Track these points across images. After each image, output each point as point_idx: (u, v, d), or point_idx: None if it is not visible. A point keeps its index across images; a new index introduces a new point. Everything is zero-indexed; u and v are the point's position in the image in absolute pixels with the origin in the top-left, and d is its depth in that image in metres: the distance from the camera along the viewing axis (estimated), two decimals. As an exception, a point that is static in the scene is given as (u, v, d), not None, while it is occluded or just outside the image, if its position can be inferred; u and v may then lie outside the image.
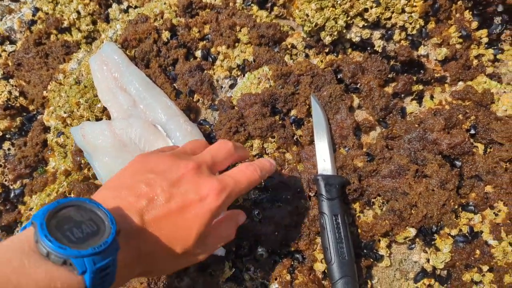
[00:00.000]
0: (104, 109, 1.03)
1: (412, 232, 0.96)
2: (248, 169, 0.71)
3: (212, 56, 1.09)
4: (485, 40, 1.09)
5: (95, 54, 1.04)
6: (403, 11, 1.04)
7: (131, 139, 0.94)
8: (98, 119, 1.03)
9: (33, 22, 1.21)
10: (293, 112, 1.03)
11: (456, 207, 0.98)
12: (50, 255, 0.44)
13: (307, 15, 1.05)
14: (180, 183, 0.62)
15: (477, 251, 0.96)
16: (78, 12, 1.20)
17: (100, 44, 1.11)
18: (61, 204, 0.49)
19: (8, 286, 0.40)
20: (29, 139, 1.10)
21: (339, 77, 1.07)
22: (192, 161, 0.65)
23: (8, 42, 1.22)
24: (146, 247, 0.58)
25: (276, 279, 0.94)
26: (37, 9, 1.22)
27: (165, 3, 1.14)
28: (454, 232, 0.97)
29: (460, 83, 1.09)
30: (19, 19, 1.22)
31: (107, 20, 1.22)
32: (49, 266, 0.43)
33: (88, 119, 1.02)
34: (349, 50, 1.11)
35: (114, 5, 1.23)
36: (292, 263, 0.96)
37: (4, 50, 1.20)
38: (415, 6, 1.04)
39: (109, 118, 1.03)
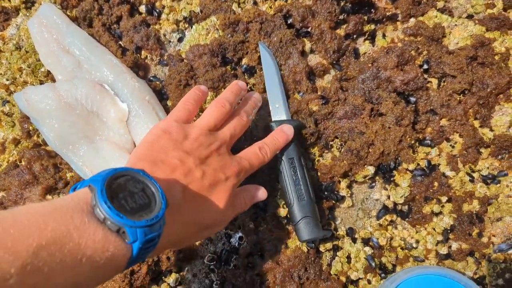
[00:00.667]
0: (49, 73, 0.99)
1: (370, 170, 0.96)
2: (261, 152, 0.82)
3: (157, 10, 1.05)
4: (434, -26, 1.08)
5: (33, 17, 0.99)
6: None
7: (77, 100, 0.91)
8: (42, 83, 0.99)
9: (-33, -9, 1.14)
10: (244, 61, 1.01)
11: (413, 142, 0.98)
12: (107, 220, 0.45)
13: (251, -41, 1.01)
14: (208, 162, 0.70)
15: (435, 183, 0.97)
16: (14, -23, 1.14)
17: (38, 7, 1.06)
18: (118, 172, 0.50)
19: (69, 242, 0.41)
20: (-25, 113, 1.06)
21: (289, 22, 1.04)
22: (216, 142, 0.75)
23: None
24: (183, 219, 0.62)
25: (240, 227, 0.94)
26: (-30, -23, 1.15)
27: (104, -41, 1.09)
28: (412, 167, 0.98)
29: (412, 19, 1.08)
30: (-47, -11, 1.15)
31: (46, -18, 1.16)
32: (105, 230, 0.45)
33: (33, 85, 0.98)
34: (298, -6, 1.09)
35: (52, -33, 1.16)
36: (255, 211, 0.96)
37: None
38: None
39: (54, 82, 0.99)
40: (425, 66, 1.02)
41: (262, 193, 0.84)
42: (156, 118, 0.92)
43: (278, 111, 0.95)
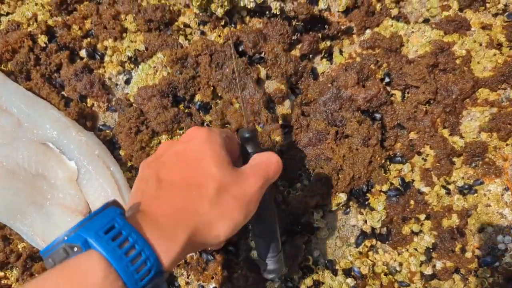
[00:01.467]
0: (-13, 136, 0.92)
1: (343, 197, 0.91)
2: None
3: (99, 53, 0.98)
4: (384, -20, 1.04)
5: (-37, 77, 0.91)
6: (292, -34, 0.96)
7: (19, 164, 0.84)
8: (-18, 149, 0.92)
9: None
10: (197, 97, 0.95)
11: (383, 161, 0.94)
12: None
13: (191, -11, 0.95)
14: None
15: (412, 202, 0.93)
16: None
17: (-30, 64, 0.98)
18: None
19: None
20: None
21: (240, 49, 0.99)
22: None
23: None
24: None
25: (212, 277, 0.89)
26: None
27: (36, 4, 1.02)
28: (385, 187, 0.93)
29: (368, 31, 1.04)
30: None
31: (-23, 34, 1.08)
32: None
33: (-30, 152, 0.91)
34: (247, 18, 1.03)
35: (-17, 16, 1.08)
36: (226, 257, 0.90)
37: None
38: (304, -42, 0.97)
39: (-6, 145, 0.91)
40: (387, 79, 0.98)
41: None
42: (108, 173, 0.85)
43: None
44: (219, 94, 0.96)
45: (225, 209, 0.56)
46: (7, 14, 1.09)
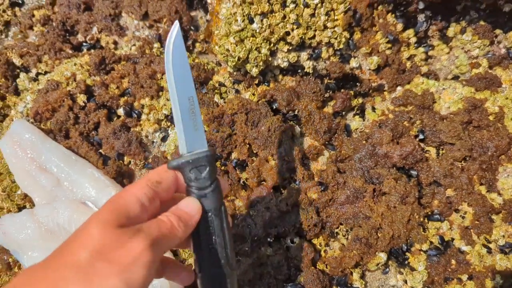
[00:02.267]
0: (26, 195, 0.92)
1: (383, 257, 0.90)
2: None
3: (137, 111, 1.00)
4: (413, 40, 1.07)
5: (5, 136, 0.93)
6: (325, 27, 0.99)
7: (60, 225, 0.83)
8: (20, 208, 0.92)
9: None
10: (234, 155, 0.96)
11: (422, 219, 0.93)
12: None
13: (228, 50, 0.98)
14: None
15: (453, 261, 0.91)
16: (-17, 90, 1.09)
17: (10, 123, 1.00)
18: None
19: None
20: (-51, 243, 0.97)
21: (274, 107, 1.00)
22: None
23: None
24: None
25: None
26: None
27: (76, 64, 1.05)
28: (425, 246, 0.91)
29: (399, 88, 1.06)
30: None
31: (16, 92, 1.11)
32: None
33: (10, 211, 0.91)
34: (280, 76, 1.06)
35: (22, 75, 1.12)
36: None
37: None
38: (337, 20, 1.00)
39: (33, 204, 0.92)
40: (421, 136, 0.98)
41: None
42: (147, 233, 0.85)
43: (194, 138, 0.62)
44: (255, 152, 0.96)
45: (96, 277, 0.49)
46: (45, 73, 1.12)
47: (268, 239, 0.90)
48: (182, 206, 0.59)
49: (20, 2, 1.28)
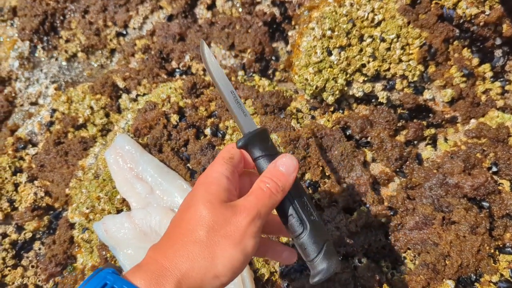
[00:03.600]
0: (124, 200, 1.06)
1: (450, 284, 0.91)
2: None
3: (221, 132, 1.11)
4: (489, 74, 1.09)
5: (110, 148, 1.08)
6: (400, 60, 1.05)
7: (151, 227, 0.95)
8: (119, 210, 1.06)
9: (51, 123, 1.28)
10: (307, 176, 1.03)
11: (492, 251, 0.93)
12: None
13: (307, 79, 1.07)
14: None
15: (524, 296, 0.90)
16: (92, 108, 1.26)
17: (114, 136, 1.16)
18: None
19: None
20: (57, 237, 1.13)
21: (348, 133, 1.07)
22: None
23: (30, 146, 1.28)
24: None
25: None
26: (54, 110, 1.29)
27: (170, 88, 1.19)
28: (495, 278, 0.92)
29: (473, 120, 1.08)
30: (39, 122, 1.29)
31: (118, 110, 1.28)
32: None
33: (110, 212, 1.05)
34: (354, 105, 1.12)
35: (124, 95, 1.29)
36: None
37: (27, 154, 1.26)
38: (411, 54, 1.05)
39: (129, 208, 1.05)
40: (494, 169, 0.99)
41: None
42: (226, 241, 0.94)
43: (247, 120, 0.72)
44: (327, 174, 1.03)
45: (217, 249, 0.58)
46: (144, 94, 1.28)
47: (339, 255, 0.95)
48: (279, 165, 0.65)
49: (124, 32, 1.46)
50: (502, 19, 1.03)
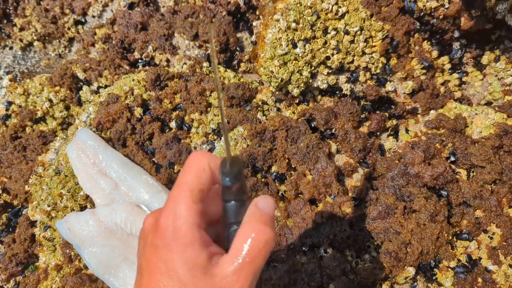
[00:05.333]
0: (87, 196, 1.03)
1: (411, 271, 0.95)
2: None
3: (187, 125, 1.10)
4: (448, 66, 1.12)
5: (71, 142, 1.05)
6: (363, 53, 1.07)
7: (117, 224, 0.93)
8: (82, 207, 1.03)
9: (7, 117, 1.22)
10: (274, 168, 1.04)
11: (450, 237, 0.98)
12: None
13: (272, 72, 1.07)
14: None
15: (479, 279, 0.95)
16: (51, 100, 1.22)
17: (75, 130, 1.12)
18: None
19: None
20: (17, 236, 1.09)
21: (313, 125, 1.08)
22: None
23: (-15, 140, 1.22)
24: None
25: None
26: (10, 103, 1.24)
27: (133, 80, 1.16)
28: (453, 263, 0.96)
29: (432, 111, 1.11)
30: (-7, 116, 1.23)
31: (79, 103, 1.24)
32: None
33: (73, 209, 1.02)
34: (319, 97, 1.14)
35: (85, 87, 1.25)
36: (297, 323, 0.94)
37: (-18, 149, 1.21)
38: (374, 46, 1.07)
39: (93, 205, 1.02)
40: (452, 158, 1.03)
41: None
42: (194, 236, 0.93)
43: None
44: (294, 166, 1.04)
45: None
46: (105, 86, 1.24)
47: (303, 248, 0.97)
48: (260, 205, 0.54)
49: (83, 20, 1.41)
50: (460, 13, 1.06)
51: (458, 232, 0.99)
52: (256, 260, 0.51)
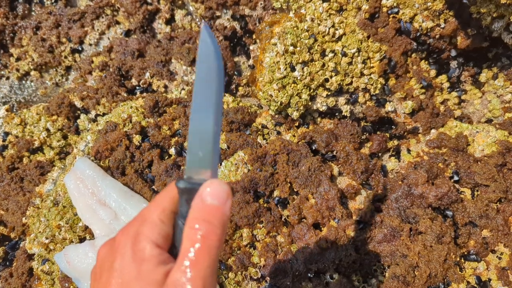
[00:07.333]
0: (87, 227, 1.01)
1: (420, 295, 0.92)
2: None
3: (186, 151, 1.09)
4: (446, 85, 1.12)
5: (69, 172, 1.03)
6: (362, 74, 1.06)
7: (117, 256, 0.91)
8: (81, 239, 1.01)
9: (4, 148, 1.21)
10: (276, 193, 1.02)
11: (458, 259, 0.96)
12: None
13: (271, 96, 1.06)
14: None
15: (490, 302, 0.93)
16: (48, 130, 1.21)
17: (73, 160, 1.11)
18: None
19: None
20: (14, 270, 1.06)
21: (314, 148, 1.07)
22: None
23: (-19, 172, 1.21)
24: None
25: None
26: (6, 134, 1.22)
27: (131, 107, 1.15)
28: (462, 286, 0.94)
29: (433, 131, 1.11)
30: (-10, 147, 1.22)
31: (77, 132, 1.23)
32: None
33: (71, 241, 1.00)
34: (319, 119, 1.13)
35: (82, 116, 1.24)
36: None
37: (-22, 181, 1.19)
38: (372, 67, 1.07)
39: (92, 236, 1.00)
40: (456, 178, 1.02)
41: None
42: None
43: (201, 162, 0.54)
44: (296, 190, 1.02)
45: None
46: (103, 114, 1.23)
47: (309, 275, 0.95)
48: (206, 197, 0.49)
49: (80, 49, 1.41)
50: (456, 32, 1.06)
51: (466, 253, 0.98)
52: (204, 261, 0.48)
